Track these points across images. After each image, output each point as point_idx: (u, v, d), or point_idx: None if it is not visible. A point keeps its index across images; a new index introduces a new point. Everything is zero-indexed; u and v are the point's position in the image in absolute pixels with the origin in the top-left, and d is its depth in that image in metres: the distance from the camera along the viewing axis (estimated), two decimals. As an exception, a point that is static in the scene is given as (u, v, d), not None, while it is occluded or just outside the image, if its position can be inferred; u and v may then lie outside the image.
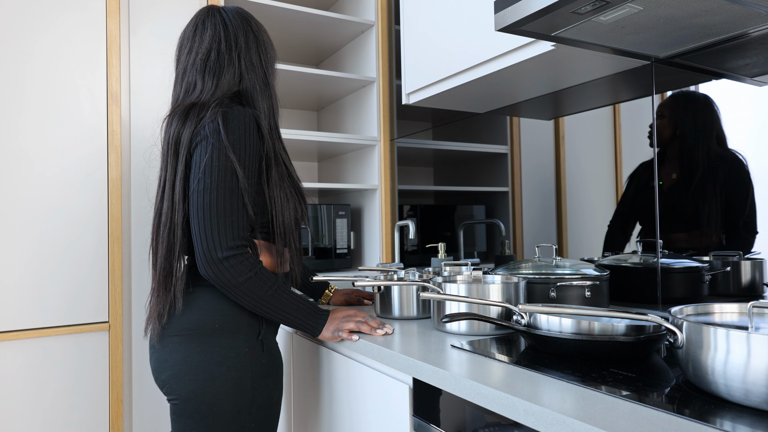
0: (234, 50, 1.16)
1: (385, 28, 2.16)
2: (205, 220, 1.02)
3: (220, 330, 1.07)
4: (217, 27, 1.17)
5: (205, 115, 1.08)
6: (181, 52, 1.19)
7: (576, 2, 0.92)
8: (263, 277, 1.05)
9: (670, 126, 1.25)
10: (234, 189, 1.04)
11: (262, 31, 1.22)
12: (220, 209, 1.02)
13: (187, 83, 1.16)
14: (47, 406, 1.60)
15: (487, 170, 1.85)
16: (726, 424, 0.61)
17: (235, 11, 1.20)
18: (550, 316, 0.93)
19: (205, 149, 1.04)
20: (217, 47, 1.15)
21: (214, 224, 1.02)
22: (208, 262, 1.01)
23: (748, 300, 1.12)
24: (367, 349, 1.08)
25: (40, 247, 1.60)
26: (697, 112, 1.21)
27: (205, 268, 1.02)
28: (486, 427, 0.82)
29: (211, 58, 1.15)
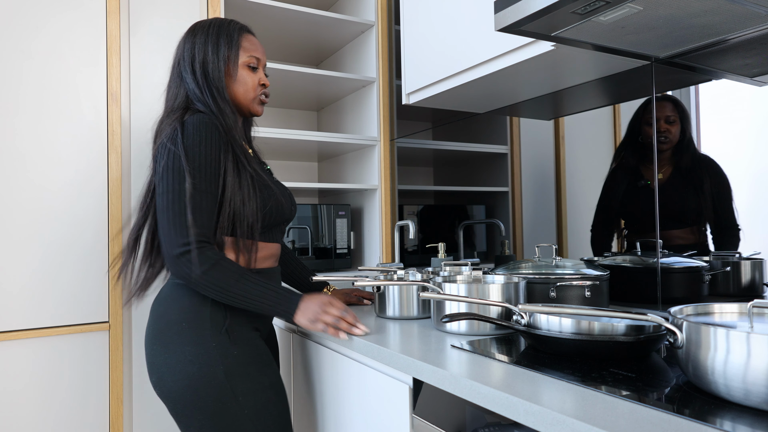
0: (177, 65, 1.25)
1: (385, 28, 2.16)
2: (162, 222, 1.09)
3: (188, 328, 1.12)
4: (178, 47, 1.27)
5: (165, 127, 1.17)
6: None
7: (576, 2, 0.92)
8: (224, 267, 1.09)
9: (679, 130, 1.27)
10: (183, 191, 1.09)
11: (209, 33, 1.24)
12: (173, 210, 1.08)
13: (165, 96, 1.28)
14: (47, 406, 1.60)
15: (487, 170, 1.85)
16: (726, 424, 0.61)
17: (189, 29, 1.28)
18: (550, 316, 0.93)
19: (162, 156, 1.12)
20: (173, 64, 1.26)
21: (170, 224, 1.08)
22: (168, 259, 1.08)
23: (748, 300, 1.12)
24: (367, 348, 1.08)
25: (40, 247, 1.60)
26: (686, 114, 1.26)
27: (168, 266, 1.10)
28: (486, 427, 0.82)
29: (171, 76, 1.26)
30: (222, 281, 1.08)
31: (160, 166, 1.11)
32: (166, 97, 1.26)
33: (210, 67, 1.22)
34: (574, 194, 1.52)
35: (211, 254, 1.09)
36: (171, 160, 1.10)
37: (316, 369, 1.35)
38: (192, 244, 1.07)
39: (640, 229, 1.34)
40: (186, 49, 1.24)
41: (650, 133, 1.31)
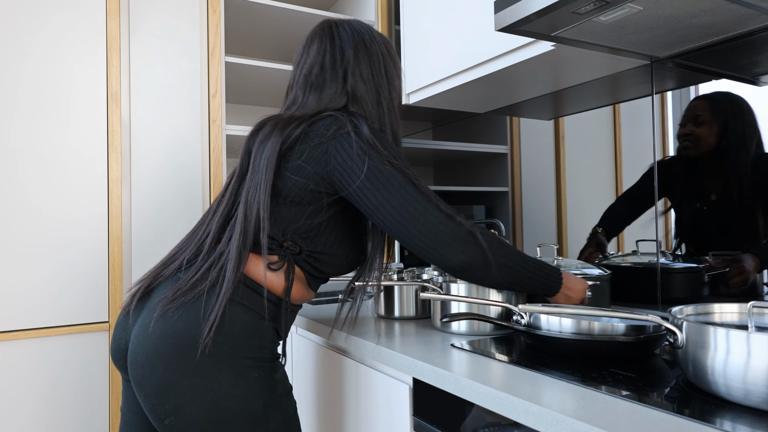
0: (339, 64, 1.07)
1: (385, 28, 2.16)
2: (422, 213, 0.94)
3: (229, 353, 0.93)
4: (324, 41, 1.10)
5: (323, 118, 1.00)
6: (293, 68, 1.13)
7: (576, 2, 0.92)
8: (501, 241, 0.96)
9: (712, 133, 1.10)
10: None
11: (377, 43, 1.12)
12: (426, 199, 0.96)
13: (290, 99, 1.11)
14: (47, 406, 1.60)
15: (487, 170, 1.85)
16: (726, 424, 0.61)
17: (349, 23, 1.13)
18: (550, 316, 0.93)
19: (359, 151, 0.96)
20: (321, 62, 1.08)
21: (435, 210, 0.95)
22: (452, 248, 0.93)
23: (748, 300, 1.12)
24: (367, 349, 1.08)
25: (40, 247, 1.60)
26: (740, 116, 1.07)
27: (452, 259, 0.93)
28: (486, 427, 0.82)
29: (314, 73, 1.08)
30: (510, 256, 0.95)
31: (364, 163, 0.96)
32: (301, 93, 1.10)
33: (389, 78, 1.14)
34: (574, 194, 1.52)
35: (485, 230, 0.94)
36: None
37: (316, 369, 1.35)
38: (466, 223, 0.92)
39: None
40: (359, 50, 1.10)
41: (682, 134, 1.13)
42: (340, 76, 1.07)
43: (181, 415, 0.90)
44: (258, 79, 2.09)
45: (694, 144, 1.14)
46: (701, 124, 1.12)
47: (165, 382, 0.90)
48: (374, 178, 0.93)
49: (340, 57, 1.08)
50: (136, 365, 0.93)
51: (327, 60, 1.08)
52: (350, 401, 1.20)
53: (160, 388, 0.90)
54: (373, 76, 1.09)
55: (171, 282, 0.98)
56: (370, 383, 1.12)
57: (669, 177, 1.21)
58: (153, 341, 0.92)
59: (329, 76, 1.07)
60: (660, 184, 1.24)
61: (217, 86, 1.84)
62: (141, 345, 0.93)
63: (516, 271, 0.98)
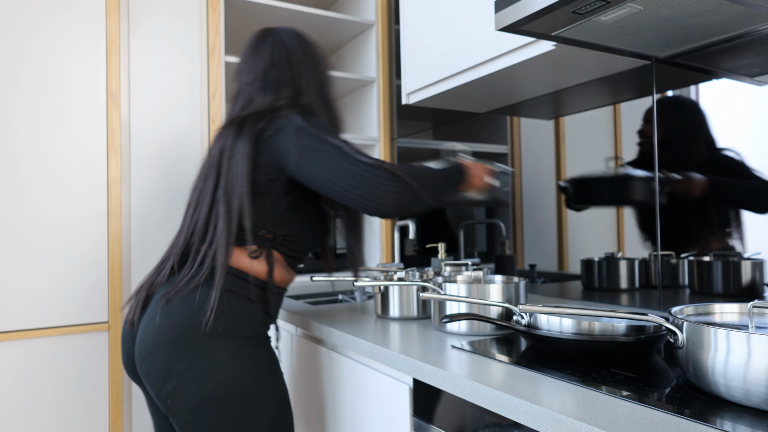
0: (287, 67, 1.19)
1: (385, 28, 2.16)
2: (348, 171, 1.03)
3: (222, 334, 1.04)
4: (270, 47, 1.21)
5: (276, 116, 1.11)
6: (240, 74, 1.22)
7: (576, 2, 0.92)
8: (409, 166, 1.07)
9: (660, 131, 1.26)
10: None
11: (313, 47, 1.25)
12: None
13: (244, 100, 1.19)
14: (47, 407, 1.60)
15: (487, 170, 1.85)
16: (726, 425, 0.61)
17: (288, 30, 1.25)
18: (551, 316, 0.93)
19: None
20: (272, 65, 1.19)
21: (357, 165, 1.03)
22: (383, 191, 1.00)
23: (748, 300, 1.12)
24: (368, 349, 1.08)
25: (40, 247, 1.60)
26: (687, 117, 1.22)
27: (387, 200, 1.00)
28: (486, 427, 0.82)
29: (270, 76, 1.18)
30: (428, 176, 1.06)
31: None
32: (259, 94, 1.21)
33: (326, 78, 1.28)
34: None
35: (403, 166, 1.05)
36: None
37: (316, 369, 1.35)
38: (389, 166, 1.02)
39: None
40: (305, 54, 1.24)
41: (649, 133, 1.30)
42: (290, 78, 1.19)
43: (181, 392, 1.00)
44: (258, 79, 2.08)
45: (646, 140, 1.30)
46: (651, 122, 1.28)
47: (165, 365, 1.01)
48: (307, 150, 1.05)
49: (287, 61, 1.20)
50: (141, 359, 1.04)
51: (277, 63, 1.19)
52: (350, 401, 1.20)
53: (161, 373, 1.01)
54: (314, 76, 1.22)
55: (167, 286, 1.09)
56: (371, 383, 1.12)
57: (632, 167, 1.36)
58: (153, 334, 1.03)
59: (282, 77, 1.18)
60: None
61: (217, 86, 1.84)
62: (144, 340, 1.04)
63: (437, 186, 1.08)
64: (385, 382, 1.07)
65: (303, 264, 1.13)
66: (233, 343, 1.04)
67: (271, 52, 1.20)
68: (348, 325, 1.24)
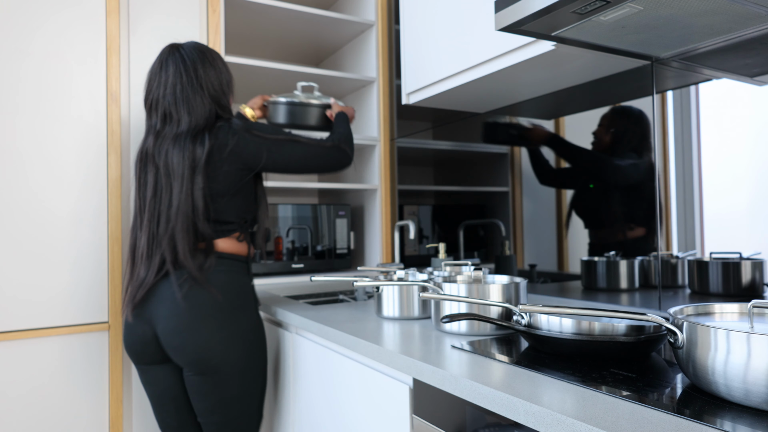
0: (195, 81, 1.37)
1: (385, 28, 2.16)
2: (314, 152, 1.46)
3: (241, 306, 1.38)
4: (177, 63, 1.37)
5: (219, 128, 1.37)
6: (155, 89, 1.38)
7: (576, 2, 0.92)
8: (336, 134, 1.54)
9: (607, 135, 1.42)
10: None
11: (214, 56, 1.44)
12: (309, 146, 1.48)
13: (159, 115, 1.38)
14: (47, 407, 1.60)
15: (487, 170, 1.85)
16: (726, 424, 0.61)
17: (191, 45, 1.42)
18: (551, 316, 0.93)
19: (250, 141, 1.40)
20: (180, 81, 1.36)
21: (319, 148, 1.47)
22: (339, 159, 1.49)
23: (748, 300, 1.12)
24: (368, 349, 1.08)
25: (40, 247, 1.60)
26: (621, 125, 1.38)
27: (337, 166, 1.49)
28: (486, 427, 0.82)
29: (177, 91, 1.36)
30: (348, 139, 1.53)
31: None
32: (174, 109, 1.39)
33: (229, 84, 1.50)
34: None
35: (340, 138, 1.51)
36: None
37: (316, 369, 1.35)
38: (334, 143, 1.48)
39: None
40: (206, 66, 1.43)
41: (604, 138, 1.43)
42: (200, 90, 1.37)
43: (224, 354, 1.33)
44: (258, 79, 2.09)
45: (597, 141, 1.44)
46: (601, 125, 1.43)
47: (204, 336, 1.31)
48: (273, 147, 1.40)
49: (194, 75, 1.38)
50: (173, 337, 1.31)
51: (185, 79, 1.37)
52: (350, 401, 1.20)
53: (201, 344, 1.31)
54: (221, 83, 1.43)
55: (178, 276, 1.33)
56: (370, 383, 1.12)
57: (582, 162, 1.50)
58: (183, 316, 1.30)
59: (190, 92, 1.36)
60: (578, 167, 1.50)
61: (217, 86, 1.83)
62: (176, 323, 1.30)
63: (351, 139, 1.54)
64: (385, 382, 1.07)
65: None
66: (250, 312, 1.40)
67: (177, 69, 1.37)
68: (348, 325, 1.24)
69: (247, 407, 1.40)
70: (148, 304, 1.35)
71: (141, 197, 1.38)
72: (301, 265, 2.09)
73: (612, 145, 1.40)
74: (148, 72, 1.45)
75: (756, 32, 1.08)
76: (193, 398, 1.38)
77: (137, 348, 1.37)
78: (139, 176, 1.40)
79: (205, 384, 1.34)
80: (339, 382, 1.24)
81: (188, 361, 1.32)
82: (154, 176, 1.35)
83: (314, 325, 1.30)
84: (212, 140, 1.35)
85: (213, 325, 1.32)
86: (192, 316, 1.30)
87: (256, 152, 1.38)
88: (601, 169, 1.43)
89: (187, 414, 1.45)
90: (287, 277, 2.05)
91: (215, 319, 1.32)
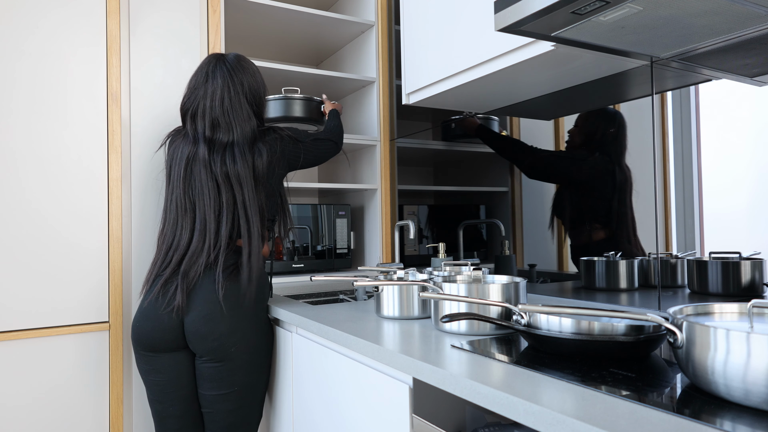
0: (241, 93, 1.50)
1: (385, 28, 2.16)
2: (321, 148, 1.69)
3: (262, 300, 1.51)
4: (224, 74, 1.49)
5: (269, 138, 1.53)
6: (202, 98, 1.49)
7: (576, 2, 0.92)
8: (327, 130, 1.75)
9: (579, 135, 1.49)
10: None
11: (254, 69, 1.57)
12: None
13: (207, 123, 1.48)
14: (47, 406, 1.60)
15: (487, 170, 1.85)
16: (726, 424, 0.61)
17: (234, 57, 1.54)
18: (550, 315, 0.93)
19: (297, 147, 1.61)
20: (228, 92, 1.48)
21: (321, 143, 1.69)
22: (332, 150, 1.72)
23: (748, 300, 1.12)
24: (367, 348, 1.08)
25: (41, 246, 1.60)
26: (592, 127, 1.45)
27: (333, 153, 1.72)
28: (486, 427, 0.82)
29: (225, 102, 1.48)
30: (339, 134, 1.74)
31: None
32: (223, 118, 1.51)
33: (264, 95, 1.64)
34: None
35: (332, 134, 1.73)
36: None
37: (316, 368, 1.35)
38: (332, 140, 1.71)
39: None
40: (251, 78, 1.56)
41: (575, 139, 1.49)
42: (245, 103, 1.50)
43: (243, 342, 1.45)
44: (258, 79, 2.09)
45: (570, 140, 1.51)
46: (576, 126, 1.49)
47: (232, 325, 1.43)
48: (308, 150, 1.62)
49: (240, 89, 1.50)
50: (202, 324, 1.40)
51: (232, 92, 1.49)
52: (350, 401, 1.20)
53: (227, 331, 1.42)
54: (261, 96, 1.56)
55: (210, 273, 1.44)
56: (370, 383, 1.12)
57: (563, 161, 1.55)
58: (216, 306, 1.41)
59: (237, 105, 1.49)
60: (561, 167, 1.56)
61: (217, 86, 1.83)
62: (207, 311, 1.41)
63: (341, 133, 1.76)
64: (385, 381, 1.07)
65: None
66: (262, 308, 1.52)
67: (224, 80, 1.48)
68: (348, 325, 1.24)
69: (253, 397, 1.49)
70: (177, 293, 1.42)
71: (188, 198, 1.46)
72: (301, 264, 2.09)
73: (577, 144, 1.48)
74: (190, 79, 1.54)
75: (756, 32, 1.08)
76: (205, 386, 1.45)
77: (156, 335, 1.41)
78: (186, 178, 1.47)
79: (220, 371, 1.43)
80: (339, 382, 1.24)
81: (210, 348, 1.41)
82: (213, 181, 1.45)
83: (314, 325, 1.30)
84: (269, 151, 1.49)
85: (239, 315, 1.43)
86: (223, 306, 1.41)
87: (297, 155, 1.58)
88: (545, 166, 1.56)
89: (191, 402, 1.48)
90: (287, 276, 2.05)
91: (242, 308, 1.44)
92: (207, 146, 1.46)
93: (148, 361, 1.45)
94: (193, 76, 1.53)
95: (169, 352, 1.44)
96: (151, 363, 1.45)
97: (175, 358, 1.45)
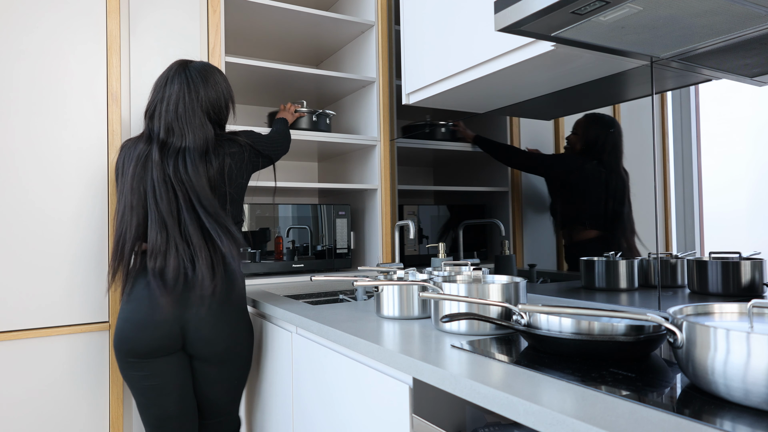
0: (196, 101, 1.49)
1: (385, 28, 2.16)
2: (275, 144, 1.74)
3: (246, 304, 1.58)
4: (182, 80, 1.49)
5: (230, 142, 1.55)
6: (158, 103, 1.49)
7: (576, 2, 0.92)
8: (275, 131, 1.80)
9: (578, 141, 1.50)
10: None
11: (219, 75, 1.56)
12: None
13: (162, 127, 1.47)
14: (47, 406, 1.60)
15: (487, 170, 1.85)
16: (726, 424, 0.61)
17: (199, 63, 1.54)
18: (550, 315, 0.93)
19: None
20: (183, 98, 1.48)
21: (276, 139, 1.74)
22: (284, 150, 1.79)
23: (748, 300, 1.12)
24: (367, 348, 1.08)
25: (41, 246, 1.60)
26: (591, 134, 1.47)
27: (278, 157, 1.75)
28: (486, 427, 0.82)
29: (180, 109, 1.47)
30: (287, 137, 1.79)
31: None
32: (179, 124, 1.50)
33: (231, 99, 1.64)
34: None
35: (284, 135, 1.80)
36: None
37: (316, 368, 1.35)
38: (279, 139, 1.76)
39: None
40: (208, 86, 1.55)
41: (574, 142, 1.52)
42: (200, 112, 1.49)
43: (239, 343, 1.52)
44: (258, 78, 2.09)
45: (570, 146, 1.53)
46: (574, 133, 1.51)
47: (234, 328, 1.50)
48: (271, 152, 1.68)
49: (196, 97, 1.49)
50: (207, 329, 1.45)
51: (187, 100, 1.48)
52: (350, 400, 1.20)
53: (228, 333, 1.49)
54: (221, 106, 1.55)
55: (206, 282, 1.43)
56: (370, 383, 1.12)
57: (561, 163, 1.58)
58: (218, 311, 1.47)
59: (191, 113, 1.48)
60: (560, 168, 1.57)
61: (217, 86, 1.83)
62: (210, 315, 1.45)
63: (288, 138, 1.80)
64: (385, 381, 1.07)
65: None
66: (246, 310, 1.57)
67: (181, 86, 1.48)
68: (348, 325, 1.24)
69: (240, 391, 1.61)
70: (182, 299, 1.44)
71: (137, 193, 1.43)
72: (301, 264, 2.09)
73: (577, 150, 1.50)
74: (155, 81, 1.55)
75: (756, 32, 1.08)
76: (204, 385, 1.52)
77: (154, 344, 1.41)
78: (138, 175, 1.44)
79: (221, 372, 1.51)
80: (339, 382, 1.24)
81: (214, 351, 1.47)
82: (167, 183, 1.42)
83: (314, 325, 1.30)
84: (221, 162, 1.49)
85: (236, 318, 1.51)
86: (220, 308, 1.47)
87: (259, 161, 1.63)
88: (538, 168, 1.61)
89: (189, 401, 1.51)
90: (287, 276, 2.05)
91: (237, 314, 1.52)
92: (159, 149, 1.44)
93: (140, 368, 1.43)
94: (158, 78, 1.53)
95: (166, 355, 1.45)
96: (145, 369, 1.43)
97: (171, 360, 1.46)
